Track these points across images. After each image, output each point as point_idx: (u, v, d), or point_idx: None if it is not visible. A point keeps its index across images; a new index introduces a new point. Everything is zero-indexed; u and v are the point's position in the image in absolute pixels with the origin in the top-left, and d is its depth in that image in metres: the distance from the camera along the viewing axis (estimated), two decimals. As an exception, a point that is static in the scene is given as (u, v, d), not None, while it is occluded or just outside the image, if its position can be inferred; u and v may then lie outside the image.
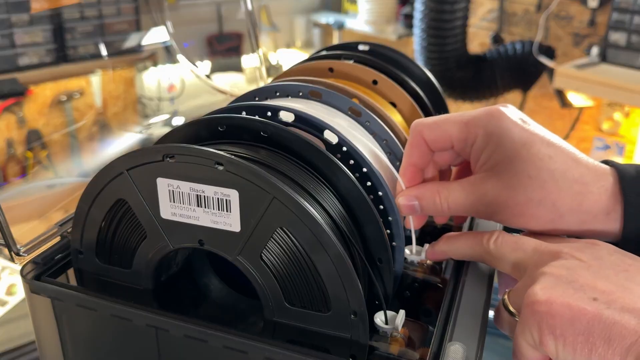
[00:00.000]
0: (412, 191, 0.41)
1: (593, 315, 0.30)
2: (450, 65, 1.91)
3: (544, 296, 0.31)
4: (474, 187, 0.39)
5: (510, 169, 0.37)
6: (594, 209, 0.36)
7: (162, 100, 0.91)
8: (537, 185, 0.37)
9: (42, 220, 0.57)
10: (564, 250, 0.34)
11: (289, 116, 0.42)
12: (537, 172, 0.37)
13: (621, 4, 1.60)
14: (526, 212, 0.37)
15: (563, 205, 0.37)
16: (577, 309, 0.30)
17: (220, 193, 0.35)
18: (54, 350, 0.42)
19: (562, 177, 0.36)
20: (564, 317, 0.30)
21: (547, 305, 0.31)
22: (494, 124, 0.38)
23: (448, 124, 0.40)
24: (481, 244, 0.39)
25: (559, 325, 0.30)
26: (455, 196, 0.40)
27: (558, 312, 0.30)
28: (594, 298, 0.30)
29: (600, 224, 0.37)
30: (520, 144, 0.37)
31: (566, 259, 0.33)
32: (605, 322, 0.29)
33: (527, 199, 0.37)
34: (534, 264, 0.35)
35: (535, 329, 0.31)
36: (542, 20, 1.93)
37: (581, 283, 0.31)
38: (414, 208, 0.41)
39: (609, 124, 1.88)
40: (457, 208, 0.40)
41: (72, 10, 0.79)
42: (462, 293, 0.40)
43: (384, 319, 0.37)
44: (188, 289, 0.43)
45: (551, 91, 1.90)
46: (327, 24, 2.56)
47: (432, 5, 1.80)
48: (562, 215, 0.37)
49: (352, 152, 0.40)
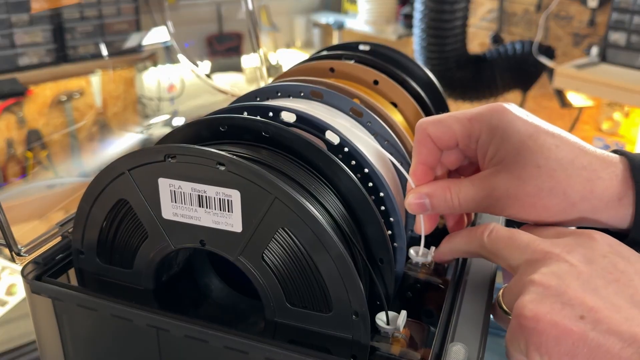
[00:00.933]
0: (422, 189, 0.41)
1: (579, 336, 0.30)
2: (450, 65, 1.91)
3: (531, 312, 0.31)
4: (484, 182, 0.39)
5: (518, 160, 0.37)
6: (605, 195, 0.36)
7: (162, 100, 0.91)
8: (546, 174, 0.36)
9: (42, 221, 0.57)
10: (555, 251, 0.34)
11: (290, 116, 0.41)
12: (545, 161, 0.36)
13: (621, 4, 1.60)
14: (538, 203, 0.37)
15: (574, 193, 0.36)
16: (563, 329, 0.30)
17: (221, 193, 0.35)
18: (55, 350, 0.42)
19: (570, 164, 0.36)
20: (550, 335, 0.30)
21: (534, 322, 0.31)
22: (497, 118, 0.38)
23: (451, 120, 0.40)
24: (476, 238, 0.38)
25: (544, 343, 0.30)
26: (465, 192, 0.39)
27: (544, 330, 0.30)
28: (581, 316, 0.30)
29: (613, 211, 0.36)
30: (526, 135, 0.37)
31: (557, 263, 0.33)
32: (590, 344, 0.29)
33: (538, 189, 0.37)
34: (525, 265, 0.35)
35: (522, 342, 0.32)
36: (542, 20, 1.93)
37: (570, 296, 0.31)
38: (424, 206, 0.40)
39: (609, 124, 1.88)
40: (467, 204, 0.40)
41: (72, 10, 0.79)
42: (464, 294, 0.40)
43: (385, 319, 0.37)
44: (189, 289, 0.43)
45: (551, 91, 1.90)
46: (327, 24, 2.56)
47: (432, 5, 1.80)
48: (574, 203, 0.36)
49: (354, 152, 0.40)
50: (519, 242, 0.36)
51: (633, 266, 0.33)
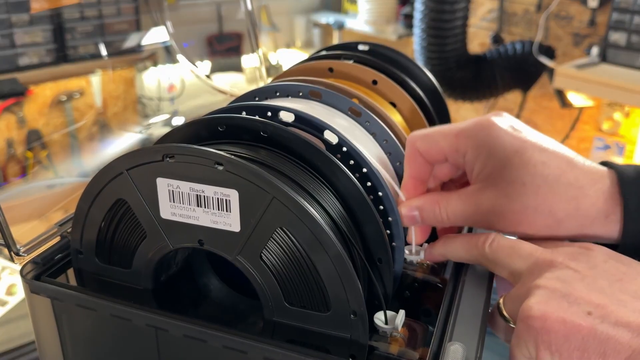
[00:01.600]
0: (413, 202, 0.41)
1: (587, 330, 0.30)
2: (450, 65, 1.91)
3: (538, 312, 0.31)
4: (471, 197, 0.39)
5: (504, 177, 0.37)
6: (592, 212, 0.36)
7: (162, 100, 0.91)
8: (531, 192, 0.36)
9: (42, 220, 0.57)
10: (558, 260, 0.34)
11: (289, 116, 0.42)
12: (531, 178, 0.36)
13: (621, 4, 1.60)
14: (524, 220, 0.37)
15: (559, 211, 0.36)
16: (572, 325, 0.30)
17: (220, 193, 0.35)
18: (54, 350, 0.42)
19: (556, 182, 0.36)
20: (559, 333, 0.30)
21: (542, 321, 0.31)
22: (484, 134, 0.38)
23: (439, 135, 0.40)
24: (477, 247, 0.39)
25: (554, 341, 0.31)
26: (454, 206, 0.40)
27: (553, 328, 0.31)
28: (588, 312, 0.30)
29: (600, 228, 0.36)
30: (512, 151, 0.37)
31: (561, 270, 0.33)
32: (599, 337, 0.29)
33: (523, 207, 0.37)
34: (528, 272, 0.35)
35: (531, 344, 0.32)
36: (542, 20, 1.93)
37: (576, 296, 0.31)
38: (415, 218, 0.41)
39: (609, 124, 1.88)
40: (456, 219, 0.40)
41: (72, 10, 0.79)
42: (462, 293, 0.40)
43: (383, 318, 0.37)
44: (188, 289, 0.43)
45: (551, 91, 1.89)
46: (327, 24, 2.56)
47: (432, 5, 1.80)
48: (559, 220, 0.37)
49: (352, 152, 0.40)
50: (522, 251, 0.36)
51: (634, 268, 0.33)
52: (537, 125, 2.08)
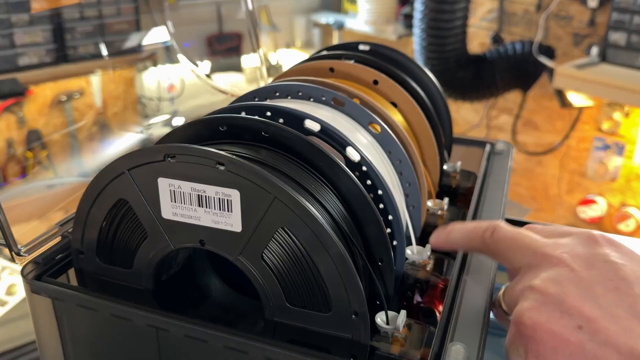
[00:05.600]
0: None
1: (575, 346, 0.30)
2: (450, 65, 1.90)
3: (529, 320, 0.31)
4: None
5: None
6: None
7: (162, 100, 0.91)
8: None
9: (42, 221, 0.57)
10: (556, 254, 0.34)
11: (314, 125, 0.41)
12: None
13: (621, 4, 1.60)
14: None
15: None
16: (561, 339, 0.30)
17: (221, 193, 0.35)
18: (54, 350, 0.42)
19: None
20: (547, 345, 0.31)
21: (532, 331, 0.31)
22: None
23: None
24: (479, 236, 0.38)
25: (542, 352, 0.31)
26: None
27: (542, 339, 0.31)
28: (579, 326, 0.30)
29: None
30: None
31: (557, 268, 0.33)
32: (587, 355, 0.29)
33: None
34: (526, 267, 0.35)
35: (522, 349, 0.32)
36: (542, 20, 1.93)
37: (568, 305, 0.31)
38: None
39: (609, 123, 1.88)
40: None
41: (72, 10, 0.79)
42: (464, 293, 0.40)
43: (385, 319, 0.37)
44: (188, 289, 0.43)
45: (551, 91, 1.89)
46: (327, 24, 2.56)
47: (432, 5, 1.80)
48: None
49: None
50: (521, 244, 0.36)
51: (634, 272, 0.32)
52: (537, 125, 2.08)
